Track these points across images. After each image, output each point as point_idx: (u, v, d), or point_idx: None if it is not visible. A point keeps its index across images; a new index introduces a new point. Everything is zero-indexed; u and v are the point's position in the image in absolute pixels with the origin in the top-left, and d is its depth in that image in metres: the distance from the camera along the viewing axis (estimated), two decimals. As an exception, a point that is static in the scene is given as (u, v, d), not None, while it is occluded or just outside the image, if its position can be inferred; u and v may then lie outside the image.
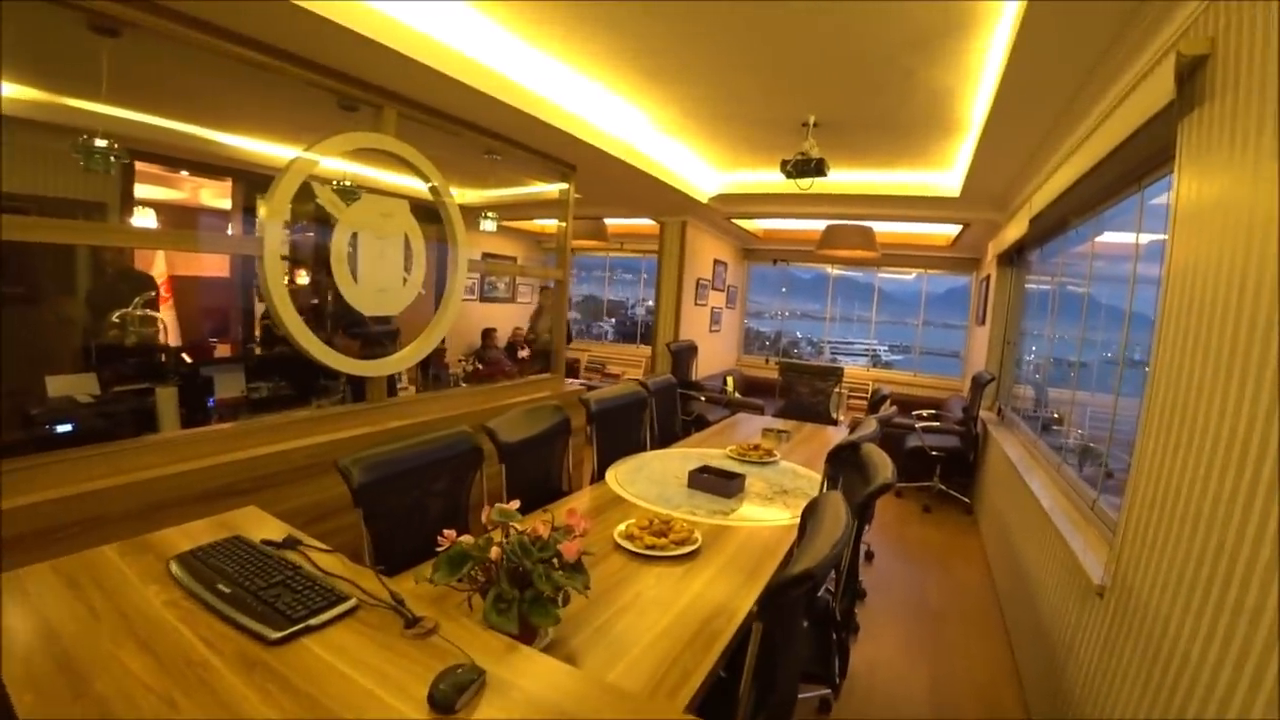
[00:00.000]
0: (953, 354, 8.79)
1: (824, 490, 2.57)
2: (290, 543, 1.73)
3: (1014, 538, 3.74)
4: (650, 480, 3.04)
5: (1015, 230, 4.79)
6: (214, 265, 7.44)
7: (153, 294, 4.82)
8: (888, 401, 4.22)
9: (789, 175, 4.11)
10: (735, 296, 9.23)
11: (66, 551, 1.57)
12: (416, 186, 3.81)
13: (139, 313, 4.63)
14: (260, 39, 2.71)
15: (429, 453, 2.39)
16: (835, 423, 5.24)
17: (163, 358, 4.60)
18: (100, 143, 3.30)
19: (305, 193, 3.06)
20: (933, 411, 6.10)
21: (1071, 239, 3.96)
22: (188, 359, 4.77)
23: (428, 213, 3.86)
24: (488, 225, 5.45)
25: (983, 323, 6.57)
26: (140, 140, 5.11)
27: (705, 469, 3.02)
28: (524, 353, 9.31)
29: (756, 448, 3.54)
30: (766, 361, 9.33)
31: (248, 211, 6.41)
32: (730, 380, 7.43)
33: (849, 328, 10.37)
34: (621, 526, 2.37)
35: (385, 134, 3.39)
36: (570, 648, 1.61)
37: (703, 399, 5.91)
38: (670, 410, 4.36)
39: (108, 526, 2.17)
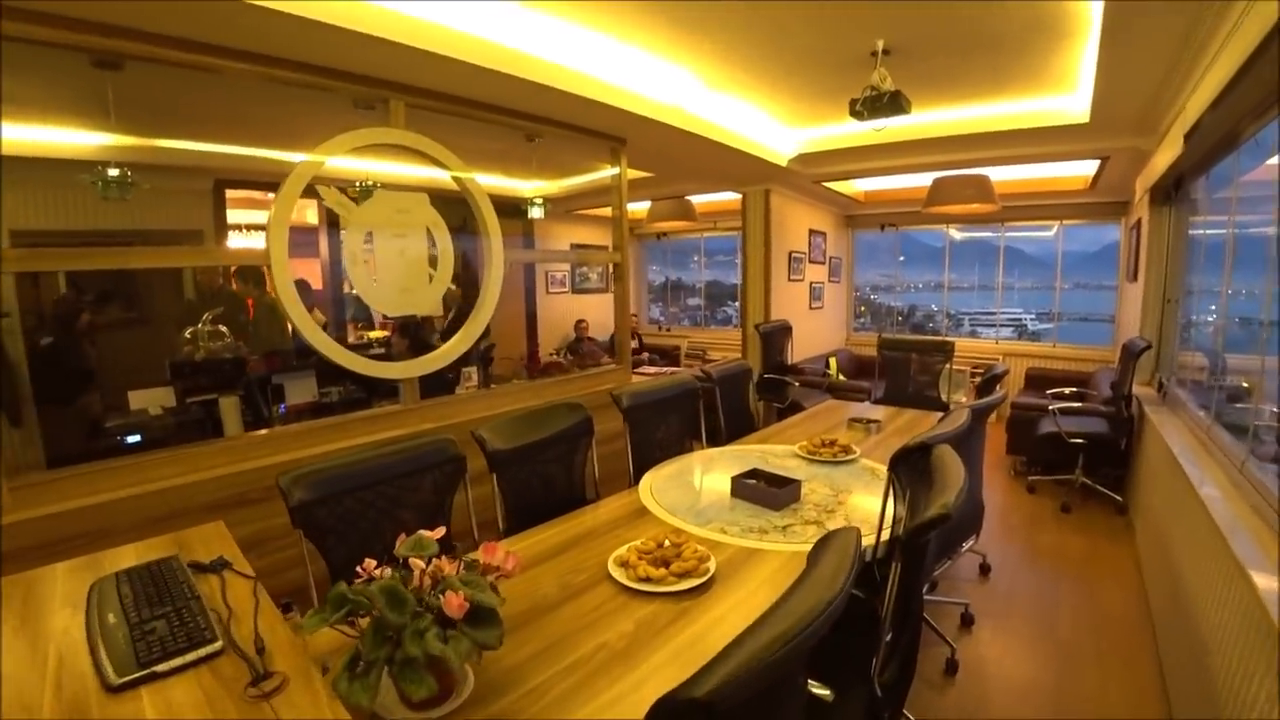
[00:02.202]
0: (1105, 319, 7.55)
1: (887, 502, 1.99)
2: (218, 565, 1.58)
3: (1175, 553, 2.91)
4: (689, 488, 2.59)
5: (1168, 154, 3.83)
6: (313, 276, 7.66)
7: (222, 310, 4.89)
8: (1001, 382, 3.45)
9: (860, 117, 3.45)
10: (840, 268, 8.43)
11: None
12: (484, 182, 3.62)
13: (207, 328, 4.73)
14: (280, 55, 2.71)
15: (394, 464, 2.06)
16: (945, 407, 4.47)
17: (231, 369, 4.65)
18: (113, 172, 3.35)
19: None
20: (1074, 390, 5.15)
21: (1247, 156, 3.04)
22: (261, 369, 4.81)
23: (501, 208, 3.67)
24: (535, 212, 5.13)
25: (1135, 279, 5.49)
26: (225, 170, 5.33)
27: (754, 473, 2.52)
28: (632, 343, 8.99)
29: (832, 443, 2.96)
30: (881, 335, 8.48)
31: (332, 225, 6.55)
32: (833, 362, 6.72)
33: (989, 296, 9.20)
34: (622, 549, 1.94)
35: (394, 127, 3.18)
36: (488, 712, 1.29)
37: (796, 384, 5.30)
38: (740, 400, 3.84)
39: (114, 537, 2.10)
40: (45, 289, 4.75)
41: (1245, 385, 3.36)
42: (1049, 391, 5.17)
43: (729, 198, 7.15)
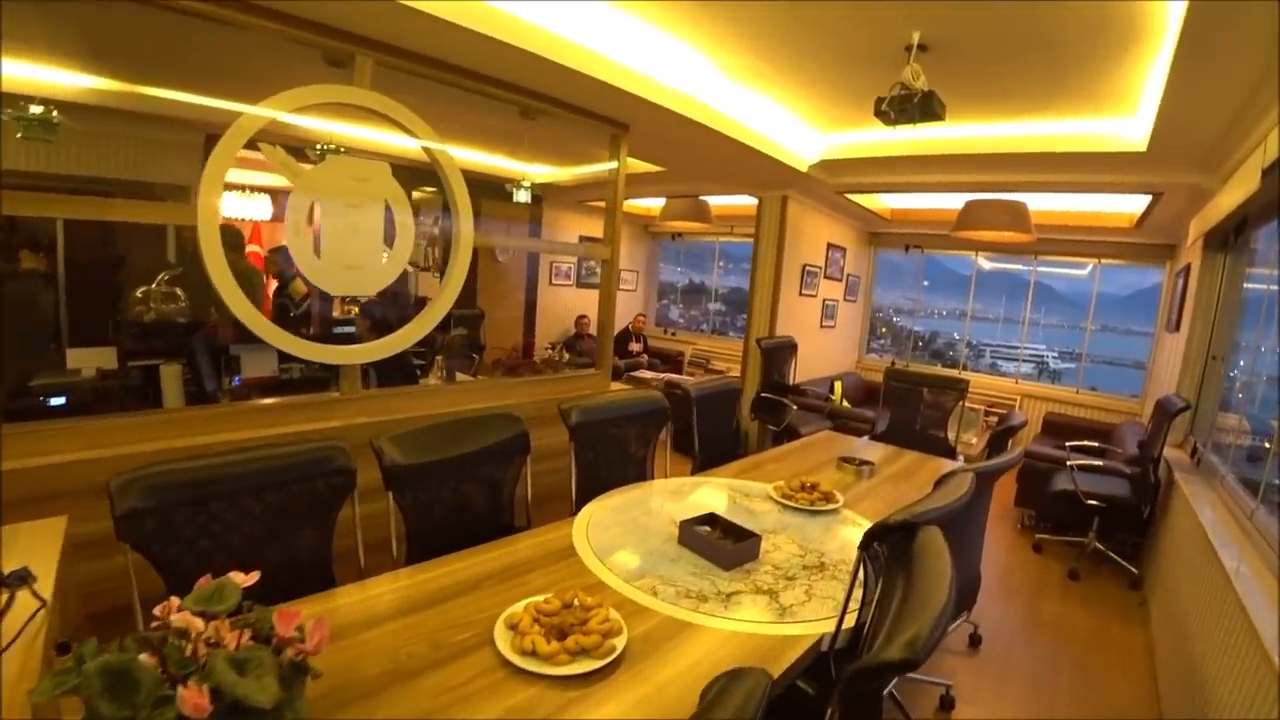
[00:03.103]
0: (1131, 364, 7.06)
1: (854, 581, 1.59)
2: (14, 579, 1.26)
3: (1197, 650, 2.49)
4: (633, 526, 2.20)
5: (1235, 194, 3.38)
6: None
7: (180, 270, 4.59)
8: (1017, 433, 3.02)
9: (886, 119, 3.04)
10: (858, 287, 7.97)
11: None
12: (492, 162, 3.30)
13: (161, 289, 4.42)
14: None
15: (258, 473, 1.69)
16: (953, 452, 4.04)
17: (181, 334, 4.35)
18: (36, 109, 3.02)
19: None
20: (1095, 444, 4.69)
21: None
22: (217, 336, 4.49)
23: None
24: (522, 196, 4.73)
25: (1175, 329, 5.01)
26: (218, 125, 5.03)
27: (710, 519, 2.13)
28: (637, 345, 8.62)
29: (812, 487, 2.55)
30: (893, 364, 8.01)
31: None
32: (838, 386, 6.29)
33: (1013, 330, 8.73)
34: (518, 606, 1.56)
35: (358, 86, 2.84)
36: None
37: (794, 407, 4.88)
38: (725, 422, 3.44)
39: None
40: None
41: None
42: (1068, 444, 4.71)
43: (747, 202, 6.74)
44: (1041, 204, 5.73)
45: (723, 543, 1.98)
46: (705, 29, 3.18)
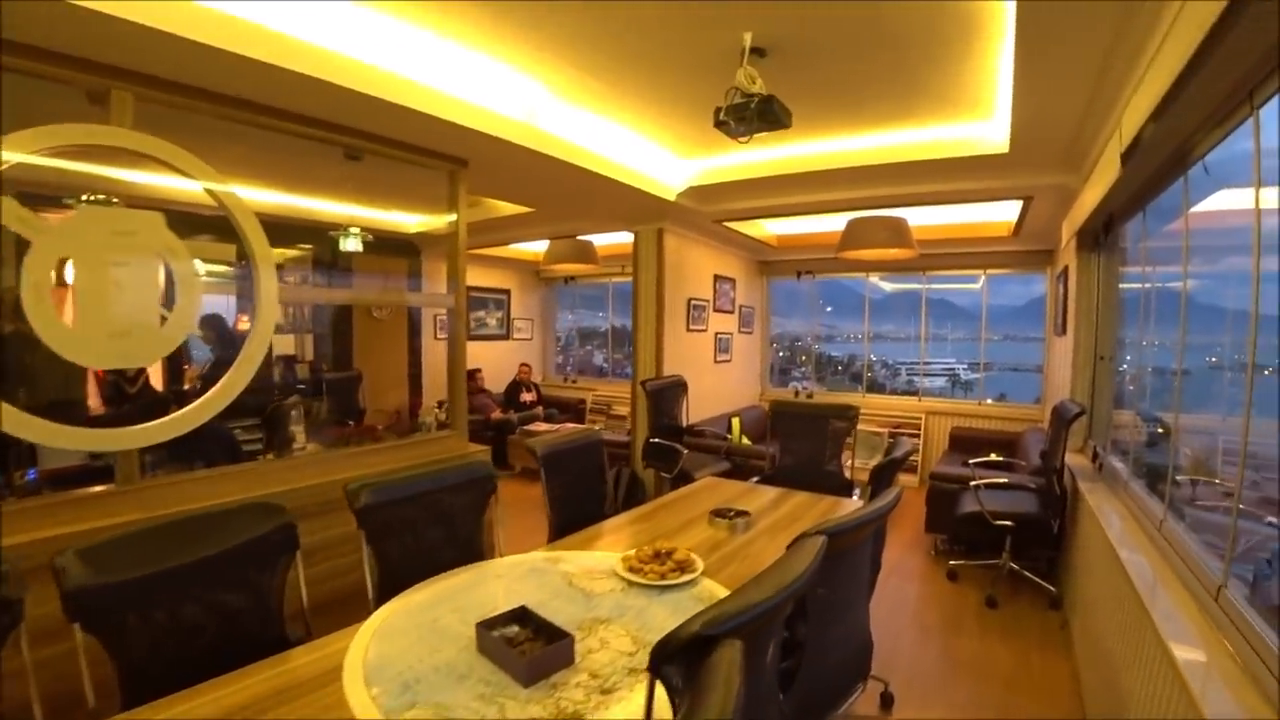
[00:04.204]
0: (1034, 369, 7.08)
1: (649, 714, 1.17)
2: None
3: (1121, 676, 2.21)
4: (430, 630, 1.74)
5: (1098, 189, 3.25)
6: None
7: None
8: (901, 466, 2.68)
9: (729, 131, 2.76)
10: (753, 318, 7.77)
11: None
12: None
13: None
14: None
15: None
16: (849, 486, 3.73)
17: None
18: None
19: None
20: (998, 459, 4.49)
21: (1199, 185, 2.42)
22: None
23: (396, 246, 3.09)
24: (350, 244, 4.25)
25: (1063, 332, 4.93)
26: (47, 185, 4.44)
27: (519, 615, 1.69)
28: (529, 395, 8.17)
29: (667, 555, 2.14)
30: (796, 394, 7.81)
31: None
32: (735, 423, 5.97)
33: (921, 347, 8.92)
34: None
35: (121, 126, 2.47)
36: None
37: (684, 451, 4.51)
38: (589, 480, 3.02)
39: None
40: None
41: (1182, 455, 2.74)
42: (971, 462, 4.50)
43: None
44: (923, 219, 5.65)
45: (526, 648, 1.54)
46: (531, 51, 2.88)
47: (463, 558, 2.24)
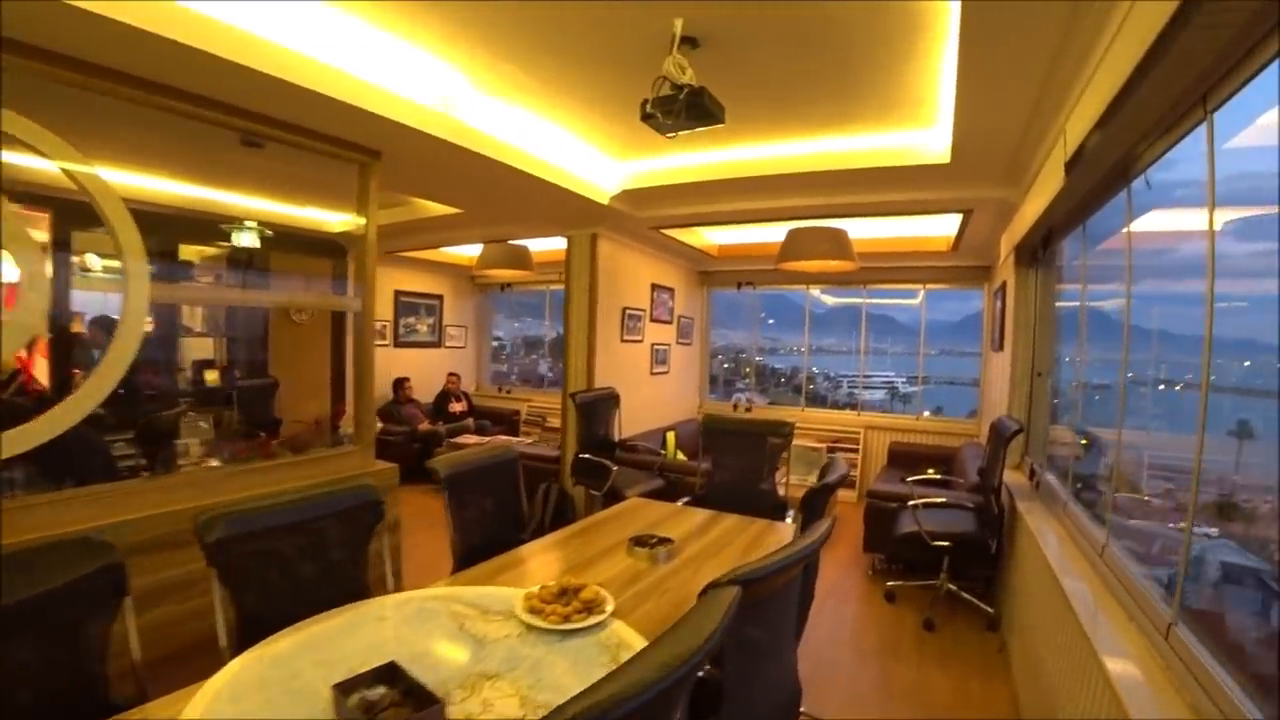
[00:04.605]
0: (969, 383, 7.12)
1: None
2: None
3: (1060, 702, 2.08)
4: (282, 691, 1.46)
5: (1037, 202, 3.17)
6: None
7: None
8: (832, 492, 2.47)
9: (656, 125, 2.56)
10: (692, 329, 7.60)
11: None
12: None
13: None
14: None
15: None
16: (783, 507, 3.54)
17: None
18: None
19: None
20: (936, 476, 4.39)
21: (1142, 199, 2.33)
22: None
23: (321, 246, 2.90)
24: (245, 239, 3.89)
25: (1000, 348, 4.88)
26: None
27: (388, 672, 1.43)
28: (459, 405, 7.81)
29: (574, 591, 1.89)
30: (735, 408, 7.65)
31: (60, 246, 5.13)
32: (670, 437, 5.77)
33: (869, 361, 9.10)
34: None
35: None
36: None
37: (614, 468, 4.26)
38: (504, 500, 2.75)
39: None
40: None
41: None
42: (910, 479, 4.38)
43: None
44: (863, 231, 5.57)
45: (390, 716, 1.28)
46: (433, 28, 2.63)
47: (342, 596, 1.95)
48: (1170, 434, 3.10)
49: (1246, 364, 2.02)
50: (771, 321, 9.13)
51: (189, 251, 5.79)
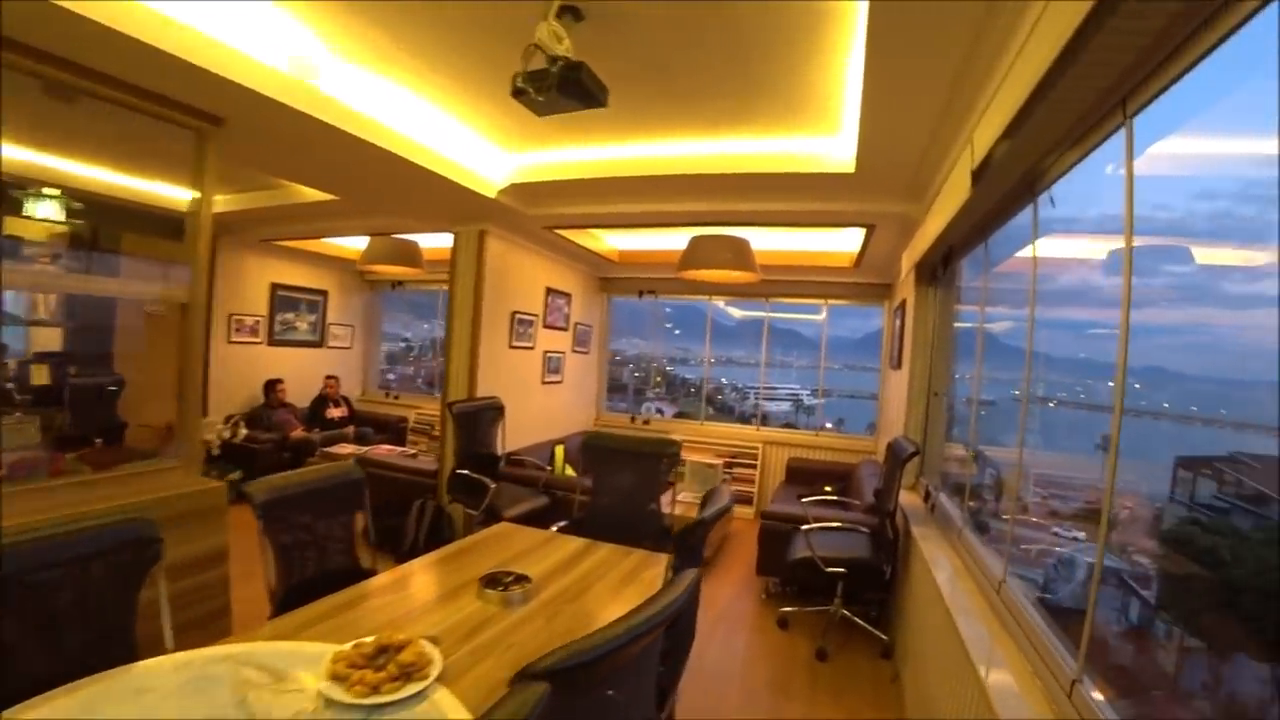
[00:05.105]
0: (869, 396, 7.15)
1: None
2: None
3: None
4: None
5: (939, 219, 3.05)
6: None
7: None
8: (709, 528, 2.18)
9: (527, 101, 2.25)
10: (589, 338, 7.29)
11: None
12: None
13: None
14: None
15: None
16: (668, 534, 3.27)
17: None
18: None
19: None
20: (832, 493, 4.25)
21: (1015, 237, 2.21)
22: None
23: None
24: (44, 209, 3.31)
25: (898, 366, 4.81)
26: None
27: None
28: (338, 411, 7.20)
29: (398, 649, 1.54)
30: (632, 420, 7.39)
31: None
32: (559, 451, 5.42)
33: (773, 373, 9.14)
34: None
35: None
36: None
37: (493, 485, 3.89)
38: (338, 527, 2.35)
39: None
40: None
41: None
42: (805, 500, 4.22)
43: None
44: (766, 243, 5.43)
45: None
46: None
47: (101, 659, 1.52)
48: (1047, 451, 3.09)
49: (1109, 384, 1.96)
50: (679, 332, 9.01)
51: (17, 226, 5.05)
